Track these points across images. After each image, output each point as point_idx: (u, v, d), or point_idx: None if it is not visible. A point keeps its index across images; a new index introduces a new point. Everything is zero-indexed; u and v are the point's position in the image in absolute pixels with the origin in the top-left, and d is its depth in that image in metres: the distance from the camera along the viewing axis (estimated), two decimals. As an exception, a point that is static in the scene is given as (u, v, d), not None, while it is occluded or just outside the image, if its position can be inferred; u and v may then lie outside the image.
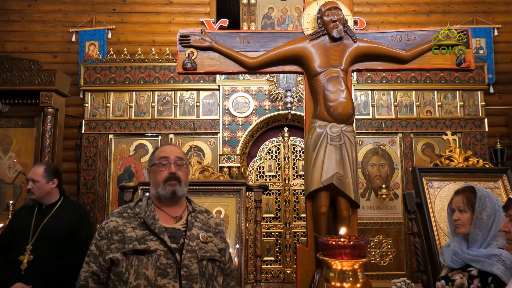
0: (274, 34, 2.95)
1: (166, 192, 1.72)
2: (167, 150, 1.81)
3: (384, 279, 5.44)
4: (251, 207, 5.48)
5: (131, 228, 1.64)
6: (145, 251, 1.57)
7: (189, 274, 1.58)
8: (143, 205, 1.73)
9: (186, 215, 1.76)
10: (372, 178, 5.90)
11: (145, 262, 1.56)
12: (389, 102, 6.05)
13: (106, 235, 1.64)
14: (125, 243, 1.59)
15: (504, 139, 6.34)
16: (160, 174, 1.75)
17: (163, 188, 1.72)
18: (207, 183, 3.21)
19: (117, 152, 5.91)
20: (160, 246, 1.59)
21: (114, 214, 1.72)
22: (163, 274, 1.55)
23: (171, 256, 1.58)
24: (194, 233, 1.69)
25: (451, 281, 1.86)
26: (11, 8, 6.69)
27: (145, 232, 1.62)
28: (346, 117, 2.65)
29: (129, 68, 6.02)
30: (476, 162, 3.37)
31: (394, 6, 6.84)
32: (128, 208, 1.74)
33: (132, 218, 1.68)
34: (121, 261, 1.57)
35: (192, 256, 1.61)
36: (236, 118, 5.86)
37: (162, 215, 1.71)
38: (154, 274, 1.54)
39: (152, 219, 1.66)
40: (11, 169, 4.78)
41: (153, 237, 1.61)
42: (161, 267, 1.56)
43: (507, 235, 1.61)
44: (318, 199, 2.62)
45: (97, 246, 1.64)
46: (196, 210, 1.81)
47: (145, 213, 1.69)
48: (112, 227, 1.65)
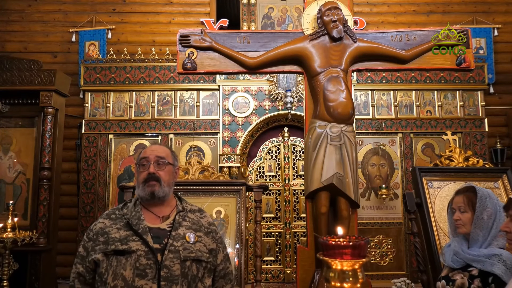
0: (274, 34, 2.95)
1: (145, 193, 1.70)
2: (148, 151, 1.78)
3: (384, 279, 5.44)
4: (251, 207, 5.48)
5: (116, 229, 1.64)
6: (125, 252, 1.56)
7: (169, 275, 1.55)
8: (131, 205, 1.72)
9: (175, 215, 1.72)
10: (372, 178, 5.90)
11: (124, 262, 1.55)
12: (389, 102, 6.04)
13: (92, 237, 1.65)
14: (108, 244, 1.59)
15: (504, 139, 6.34)
16: (139, 174, 1.73)
17: (142, 189, 1.71)
18: (207, 183, 3.22)
19: (117, 152, 5.91)
20: (142, 247, 1.58)
21: (103, 216, 1.72)
22: (142, 274, 1.53)
23: (152, 256, 1.56)
24: (180, 232, 1.66)
25: (451, 281, 1.86)
26: (11, 8, 6.68)
27: (128, 233, 1.62)
28: (346, 117, 2.65)
29: (129, 68, 6.02)
30: (476, 162, 3.37)
31: (394, 6, 6.83)
32: (116, 210, 1.73)
33: (119, 219, 1.67)
34: (102, 261, 1.57)
35: (175, 256, 1.58)
36: (236, 118, 5.86)
37: (148, 215, 1.70)
38: (132, 274, 1.53)
39: (137, 219, 1.65)
40: (11, 169, 4.78)
41: (135, 237, 1.60)
42: (140, 268, 1.54)
43: (508, 235, 1.62)
44: (318, 199, 2.62)
45: (85, 247, 1.65)
46: (186, 210, 1.77)
47: (131, 213, 1.68)
48: (99, 228, 1.66)
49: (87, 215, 5.71)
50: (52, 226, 4.61)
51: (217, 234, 1.78)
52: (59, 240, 5.21)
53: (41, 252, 4.38)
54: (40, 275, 4.33)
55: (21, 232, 3.54)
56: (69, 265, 6.33)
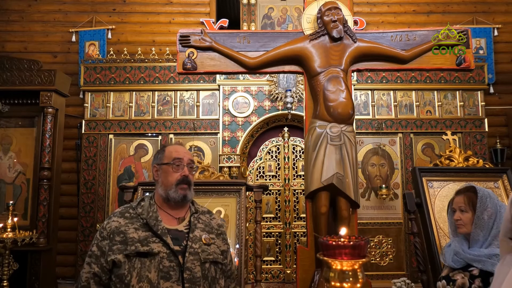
0: (274, 34, 2.95)
1: (178, 195, 1.67)
2: (181, 151, 1.73)
3: (384, 279, 5.44)
4: (251, 207, 5.48)
5: (133, 229, 1.60)
6: (148, 254, 1.54)
7: (192, 277, 1.55)
8: (146, 205, 1.68)
9: (189, 216, 1.71)
10: (372, 178, 5.90)
11: (148, 264, 1.53)
12: (389, 102, 6.04)
13: (108, 236, 1.59)
14: (127, 244, 1.55)
15: (504, 139, 6.34)
16: (172, 175, 1.69)
17: (175, 191, 1.67)
18: (207, 183, 3.21)
19: (117, 152, 5.91)
20: (163, 249, 1.56)
21: (116, 214, 1.66)
22: (166, 277, 1.52)
23: (174, 258, 1.55)
24: (197, 235, 1.65)
25: (452, 281, 1.86)
26: (11, 8, 6.68)
27: (147, 234, 1.59)
28: (346, 117, 2.65)
29: (129, 68, 6.02)
30: (476, 162, 3.37)
31: (394, 6, 6.83)
32: (130, 208, 1.68)
33: (135, 219, 1.63)
34: (124, 263, 1.53)
35: (195, 258, 1.58)
36: (236, 118, 5.86)
37: (165, 216, 1.67)
38: (157, 277, 1.52)
39: (155, 220, 1.62)
40: (11, 169, 4.78)
41: (155, 239, 1.58)
42: (164, 270, 1.53)
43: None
44: (318, 199, 2.62)
45: (99, 246, 1.60)
46: (199, 211, 1.76)
47: (148, 213, 1.64)
48: (114, 227, 1.60)
49: (87, 215, 5.71)
50: (52, 226, 4.61)
51: (226, 235, 1.80)
52: (59, 240, 5.21)
53: (41, 252, 4.38)
54: (40, 275, 4.33)
55: (21, 232, 3.55)
56: (69, 265, 6.36)
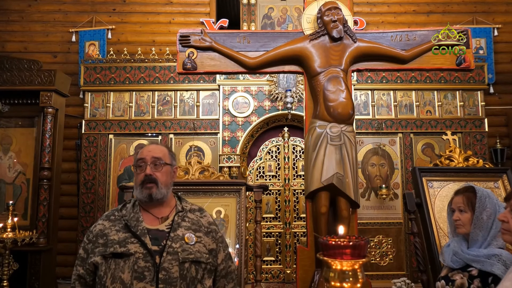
0: (274, 34, 2.95)
1: (143, 195, 1.67)
2: (144, 151, 1.74)
3: (384, 279, 5.44)
4: (251, 207, 5.48)
5: (115, 231, 1.62)
6: (123, 254, 1.55)
7: (167, 277, 1.53)
8: (129, 207, 1.70)
9: (173, 215, 1.69)
10: (372, 178, 5.90)
11: (122, 265, 1.54)
12: (389, 102, 6.05)
13: (92, 239, 1.64)
14: (107, 246, 1.58)
15: (504, 139, 6.34)
16: (137, 176, 1.71)
17: (140, 191, 1.68)
18: (207, 183, 3.21)
19: (117, 152, 5.91)
20: (140, 249, 1.56)
21: (103, 217, 1.71)
22: (140, 277, 1.52)
23: (150, 259, 1.54)
24: (179, 233, 1.63)
25: (451, 281, 1.86)
26: (11, 8, 6.68)
27: (127, 235, 1.60)
28: (346, 117, 2.65)
29: (129, 68, 6.02)
30: (476, 162, 3.37)
31: (394, 6, 6.83)
32: (115, 211, 1.71)
33: (118, 221, 1.66)
34: (101, 264, 1.56)
35: (173, 258, 1.56)
36: (236, 118, 5.86)
37: (147, 216, 1.67)
38: (130, 277, 1.52)
39: (136, 221, 1.63)
40: (11, 169, 4.78)
41: (134, 239, 1.58)
42: (138, 270, 1.52)
43: (503, 225, 1.60)
44: (318, 199, 2.62)
45: (85, 249, 1.64)
46: (185, 210, 1.73)
47: (130, 215, 1.66)
48: (99, 230, 1.65)
49: (87, 215, 5.71)
50: (52, 226, 4.61)
51: (217, 233, 1.76)
52: (59, 240, 5.21)
53: (41, 252, 4.37)
54: (40, 275, 4.33)
55: (21, 232, 3.54)
56: (69, 265, 6.37)
